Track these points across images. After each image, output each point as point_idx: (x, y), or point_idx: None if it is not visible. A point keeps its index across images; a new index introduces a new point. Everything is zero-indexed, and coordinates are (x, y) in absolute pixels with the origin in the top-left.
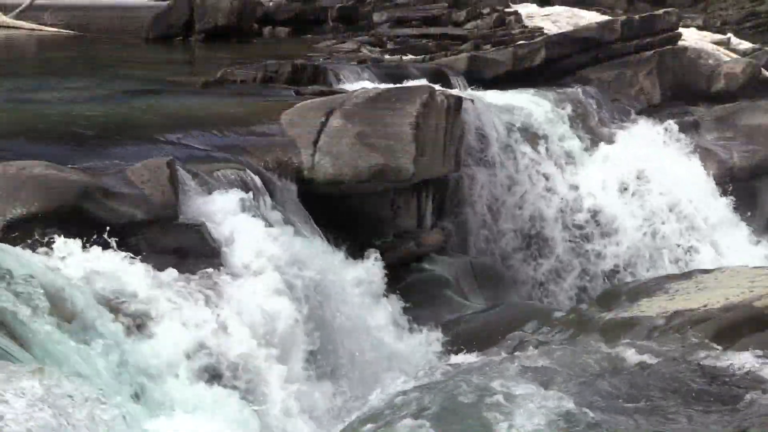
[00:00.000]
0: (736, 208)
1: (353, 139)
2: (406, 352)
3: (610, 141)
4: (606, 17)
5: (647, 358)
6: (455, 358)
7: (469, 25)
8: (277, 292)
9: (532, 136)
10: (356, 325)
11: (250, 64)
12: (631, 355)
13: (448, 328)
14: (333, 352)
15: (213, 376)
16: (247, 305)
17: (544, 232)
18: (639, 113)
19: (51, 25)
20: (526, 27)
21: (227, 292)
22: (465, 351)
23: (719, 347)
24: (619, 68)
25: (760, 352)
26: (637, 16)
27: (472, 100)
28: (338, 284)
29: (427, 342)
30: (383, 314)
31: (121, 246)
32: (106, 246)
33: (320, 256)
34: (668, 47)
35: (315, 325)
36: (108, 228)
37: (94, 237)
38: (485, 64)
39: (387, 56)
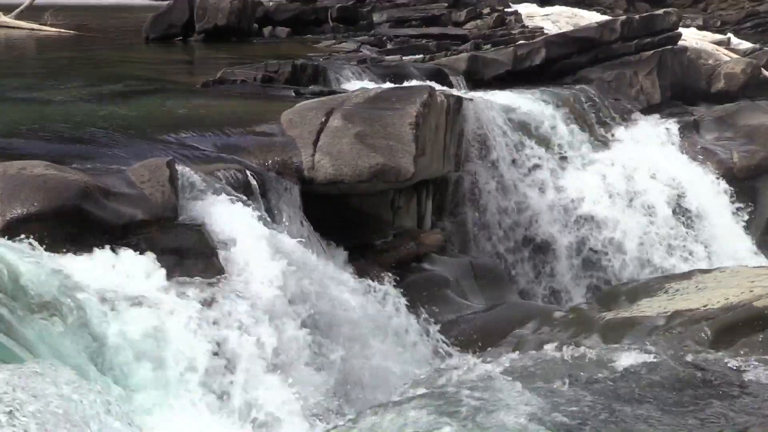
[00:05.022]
0: (736, 208)
1: (353, 139)
2: (406, 353)
3: (610, 141)
4: (606, 17)
5: (647, 359)
6: (455, 358)
7: (469, 25)
8: (276, 293)
9: (532, 136)
10: (356, 327)
11: (250, 64)
12: (631, 356)
13: (448, 328)
14: (333, 354)
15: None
16: (245, 306)
17: (544, 233)
18: (639, 113)
19: (51, 25)
20: (526, 27)
21: (226, 292)
22: (465, 351)
23: (719, 347)
24: (619, 68)
25: (760, 353)
26: (637, 16)
27: (472, 100)
28: (336, 287)
29: (426, 342)
30: (383, 315)
31: (121, 246)
32: (106, 245)
33: (318, 257)
34: (668, 47)
35: (314, 328)
36: (108, 228)
37: (95, 236)
38: (485, 64)
39: (387, 56)
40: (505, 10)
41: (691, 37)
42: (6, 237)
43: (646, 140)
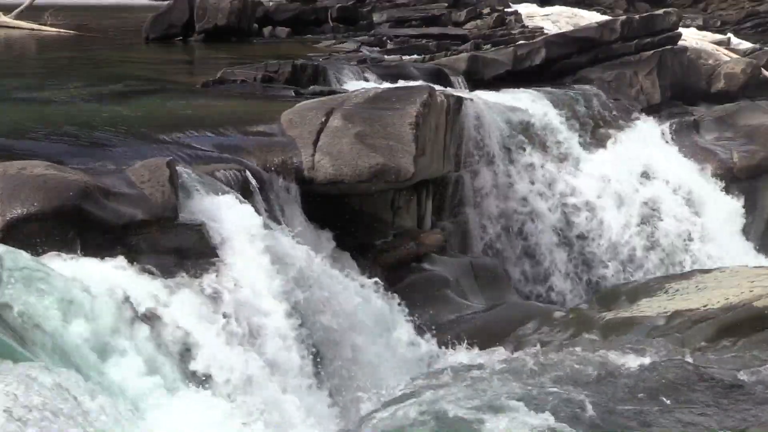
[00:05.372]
0: (736, 208)
1: (353, 139)
2: (406, 353)
3: (610, 141)
4: (606, 17)
5: (647, 359)
6: (455, 358)
7: (469, 25)
8: (275, 293)
9: (531, 136)
10: (356, 327)
11: (250, 64)
12: (631, 356)
13: (448, 328)
14: (333, 353)
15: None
16: (244, 307)
17: (543, 233)
18: (639, 113)
19: (51, 25)
20: (526, 27)
21: (226, 293)
22: (465, 351)
23: (719, 347)
24: (619, 68)
25: (759, 352)
26: (637, 16)
27: (472, 100)
28: (335, 286)
29: (426, 342)
30: (383, 315)
31: (121, 246)
32: (106, 245)
33: (318, 257)
34: (668, 47)
35: (314, 327)
36: (108, 228)
37: (95, 236)
38: (485, 64)
39: (387, 56)
40: (505, 10)
41: (691, 37)
42: (6, 237)
43: (646, 140)
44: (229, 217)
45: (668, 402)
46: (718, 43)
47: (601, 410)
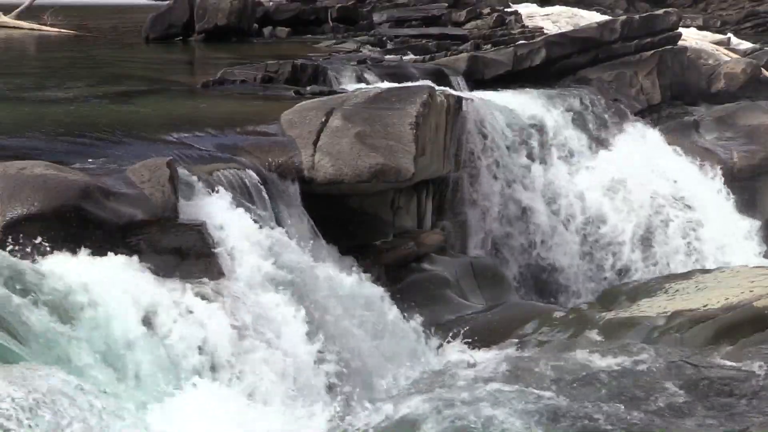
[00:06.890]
0: (736, 208)
1: (353, 139)
2: (405, 353)
3: (610, 141)
4: (606, 17)
5: (647, 359)
6: (454, 359)
7: (469, 25)
8: (276, 293)
9: (531, 136)
10: (355, 326)
11: (250, 64)
12: (631, 356)
13: (448, 328)
14: (333, 352)
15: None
16: (244, 305)
17: (543, 233)
18: (639, 113)
19: (51, 25)
20: (526, 27)
21: (226, 292)
22: (464, 351)
23: (719, 347)
24: (619, 68)
25: (760, 352)
26: (637, 16)
27: (472, 100)
28: (335, 285)
29: (426, 342)
30: (383, 314)
31: (121, 246)
32: (106, 246)
33: (318, 258)
34: (668, 47)
35: (314, 326)
36: (108, 228)
37: (95, 237)
38: (485, 64)
39: (387, 56)
40: (505, 10)
41: (691, 37)
42: (6, 237)
43: (647, 140)
44: (230, 217)
45: (668, 402)
46: (718, 43)
47: (598, 411)
